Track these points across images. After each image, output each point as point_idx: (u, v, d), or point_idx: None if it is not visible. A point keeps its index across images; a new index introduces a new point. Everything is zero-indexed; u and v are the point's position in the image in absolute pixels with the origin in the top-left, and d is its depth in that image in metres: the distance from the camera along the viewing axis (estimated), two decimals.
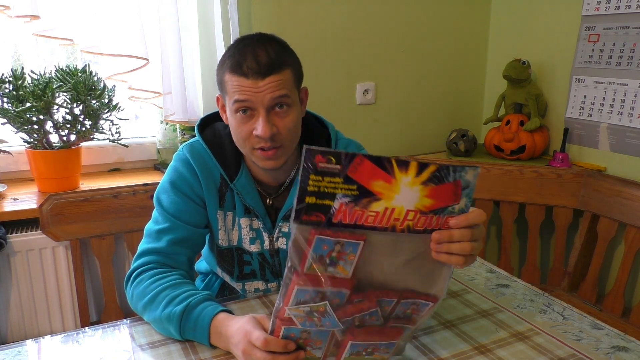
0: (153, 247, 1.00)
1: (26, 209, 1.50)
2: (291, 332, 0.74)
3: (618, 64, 1.83)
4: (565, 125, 2.02)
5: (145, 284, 0.94)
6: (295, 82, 0.98)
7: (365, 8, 2.08)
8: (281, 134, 0.96)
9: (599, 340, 0.90)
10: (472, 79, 2.41)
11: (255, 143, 0.96)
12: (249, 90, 0.92)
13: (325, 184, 0.62)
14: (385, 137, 2.26)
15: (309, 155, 0.60)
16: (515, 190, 1.88)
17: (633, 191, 1.65)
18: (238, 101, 0.93)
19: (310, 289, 0.69)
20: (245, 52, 0.93)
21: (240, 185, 1.04)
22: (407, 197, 0.65)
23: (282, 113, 0.95)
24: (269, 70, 0.92)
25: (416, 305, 0.75)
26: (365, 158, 0.62)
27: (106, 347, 0.89)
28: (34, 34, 1.55)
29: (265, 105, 0.93)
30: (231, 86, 0.94)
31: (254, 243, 1.09)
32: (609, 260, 1.91)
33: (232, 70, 0.93)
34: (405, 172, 0.64)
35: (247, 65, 0.92)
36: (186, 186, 1.03)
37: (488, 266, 1.21)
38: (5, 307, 1.55)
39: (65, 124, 1.60)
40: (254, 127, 0.94)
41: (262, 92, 0.92)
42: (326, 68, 2.06)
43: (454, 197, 0.68)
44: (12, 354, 0.87)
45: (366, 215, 0.65)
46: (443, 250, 0.71)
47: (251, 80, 0.92)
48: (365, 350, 0.78)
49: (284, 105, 0.95)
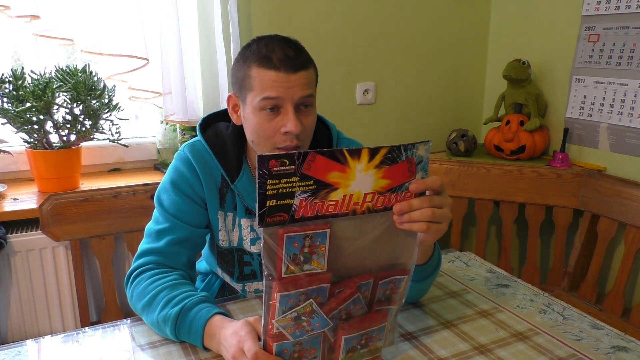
0: (153, 247, 0.99)
1: (26, 209, 1.50)
2: (284, 348, 0.74)
3: (618, 64, 1.83)
4: (565, 125, 2.02)
5: (144, 285, 0.94)
6: (316, 83, 0.99)
7: (365, 8, 2.08)
8: (306, 132, 0.96)
9: (599, 340, 0.90)
10: (472, 79, 2.41)
11: (280, 141, 0.94)
12: (279, 86, 0.90)
13: (282, 185, 0.64)
14: (385, 137, 2.26)
15: (263, 161, 0.62)
16: (515, 190, 1.88)
17: (633, 191, 1.65)
18: (268, 98, 0.91)
19: (292, 292, 0.70)
20: (273, 46, 0.92)
21: (242, 186, 1.03)
22: (363, 181, 0.69)
23: (306, 112, 0.95)
24: (299, 65, 0.91)
25: (393, 283, 0.78)
26: (318, 154, 0.65)
27: (106, 347, 0.89)
28: (34, 34, 1.55)
29: (294, 101, 0.92)
30: (260, 81, 0.91)
31: (254, 244, 1.08)
32: (609, 260, 1.91)
33: (260, 63, 0.91)
34: (358, 159, 0.68)
35: (278, 58, 0.90)
36: (187, 186, 1.02)
37: (488, 266, 1.21)
38: (5, 307, 1.55)
39: (65, 124, 1.60)
40: (281, 124, 0.93)
41: (293, 87, 0.91)
42: (326, 68, 2.06)
43: (409, 174, 0.73)
44: (12, 354, 0.87)
45: (326, 205, 0.68)
46: (405, 220, 0.74)
47: (283, 73, 0.90)
48: (360, 343, 0.79)
49: (308, 105, 0.95)
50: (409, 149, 0.71)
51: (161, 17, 1.69)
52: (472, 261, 1.24)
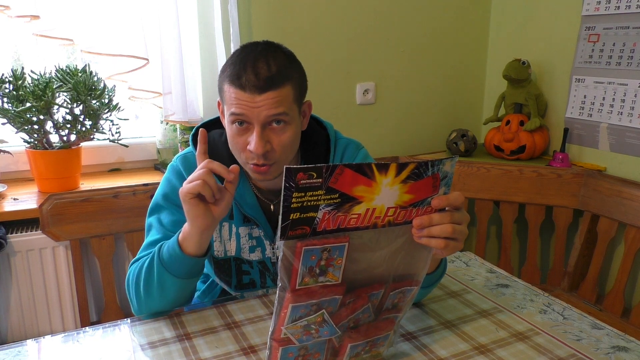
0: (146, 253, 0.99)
1: (26, 209, 1.50)
2: (289, 352, 0.74)
3: (618, 64, 1.83)
4: (565, 125, 2.02)
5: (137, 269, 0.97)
6: (295, 97, 0.94)
7: (365, 8, 2.08)
8: (275, 151, 0.93)
9: (599, 340, 0.90)
10: (472, 79, 2.41)
11: (249, 158, 0.94)
12: (245, 105, 0.89)
13: (307, 198, 0.63)
14: (385, 137, 2.26)
15: (290, 174, 0.61)
16: (515, 190, 1.88)
17: (633, 191, 1.65)
18: (234, 114, 0.91)
19: (304, 303, 0.69)
20: (246, 63, 0.90)
21: (238, 194, 1.02)
22: (387, 196, 0.68)
23: (279, 130, 0.93)
24: (267, 85, 0.89)
25: (402, 293, 0.77)
26: (346, 167, 0.64)
27: (106, 347, 0.89)
28: (34, 34, 1.55)
29: (260, 121, 0.90)
30: (229, 97, 0.92)
31: (253, 251, 1.07)
32: (609, 260, 1.91)
33: (230, 80, 0.91)
34: (385, 174, 0.66)
35: (246, 77, 0.89)
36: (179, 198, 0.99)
37: (488, 266, 1.21)
38: (5, 307, 1.55)
39: (66, 124, 1.60)
40: (248, 141, 0.92)
41: (258, 107, 0.89)
42: (326, 68, 2.06)
43: (432, 189, 0.71)
44: (12, 354, 0.87)
45: (348, 219, 0.67)
46: (424, 235, 0.73)
47: (248, 94, 0.89)
48: (364, 350, 0.79)
49: (281, 122, 0.92)
50: (435, 165, 0.69)
51: (161, 17, 1.69)
52: (472, 261, 1.24)
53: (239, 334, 0.92)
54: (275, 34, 1.93)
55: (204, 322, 0.96)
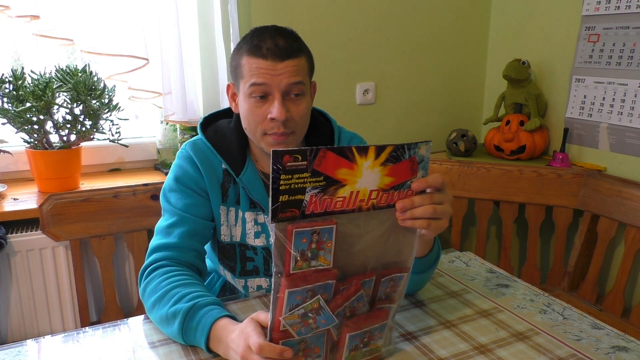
0: (164, 243, 1.00)
1: (26, 209, 1.50)
2: (289, 346, 0.74)
3: (618, 64, 1.83)
4: (565, 125, 2.02)
5: (158, 280, 0.95)
6: (309, 71, 1.00)
7: (365, 8, 2.08)
8: (294, 120, 0.97)
9: (599, 340, 0.90)
10: (472, 79, 2.41)
11: (269, 128, 0.97)
12: (266, 73, 0.93)
13: (294, 180, 0.66)
14: (385, 137, 2.26)
15: (277, 156, 0.64)
16: (515, 190, 1.88)
17: (633, 191, 1.65)
18: (255, 84, 0.94)
19: (300, 289, 0.70)
20: (264, 36, 0.95)
21: (247, 179, 1.05)
22: (369, 179, 0.71)
23: (297, 100, 0.97)
24: (287, 53, 0.94)
25: (393, 280, 0.79)
26: (328, 150, 0.67)
27: (106, 347, 0.89)
28: (34, 34, 1.55)
29: (281, 89, 0.94)
30: (248, 69, 0.95)
31: (258, 237, 1.09)
32: (609, 260, 1.91)
33: (250, 52, 0.94)
34: (365, 157, 0.70)
35: (267, 47, 0.93)
36: (190, 181, 1.04)
37: (488, 266, 1.21)
38: (5, 307, 1.55)
39: (66, 124, 1.60)
40: (269, 111, 0.95)
41: (280, 75, 0.93)
42: (326, 68, 2.06)
43: (411, 172, 0.75)
44: (12, 354, 0.87)
45: (334, 202, 0.70)
46: (407, 217, 0.76)
47: (270, 61, 0.93)
48: (362, 342, 0.79)
49: (299, 94, 0.97)
50: (411, 148, 0.73)
51: (161, 17, 1.69)
52: (472, 261, 1.24)
53: None
54: None
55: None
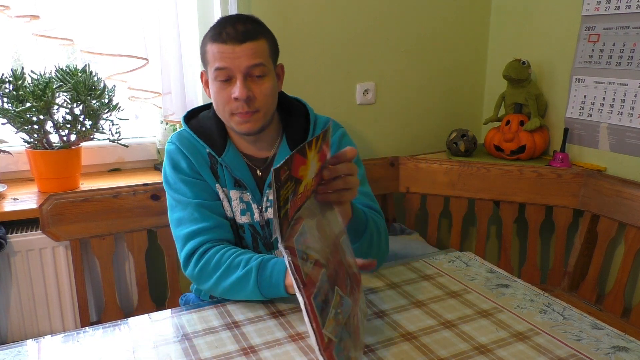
0: (196, 229, 1.06)
1: (26, 209, 1.50)
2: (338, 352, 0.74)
3: (618, 64, 1.83)
4: (565, 125, 2.02)
5: (217, 258, 1.02)
6: (270, 53, 1.07)
7: (365, 8, 2.08)
8: (257, 98, 1.04)
9: (599, 340, 0.90)
10: (472, 79, 2.41)
11: (234, 108, 1.04)
12: (227, 57, 1.01)
13: (284, 192, 0.68)
14: (385, 137, 2.26)
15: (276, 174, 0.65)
16: (515, 190, 1.88)
17: (633, 191, 1.65)
18: (218, 69, 1.02)
19: (315, 289, 0.72)
20: (225, 23, 1.03)
21: (228, 158, 1.11)
22: (312, 169, 0.77)
23: (259, 80, 1.04)
24: (245, 37, 1.01)
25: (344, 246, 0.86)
26: (296, 153, 0.71)
27: (106, 346, 0.89)
28: (34, 34, 1.55)
29: (242, 70, 1.01)
30: (211, 55, 1.03)
31: (244, 214, 1.14)
32: (609, 260, 1.91)
33: (212, 39, 1.03)
34: (310, 149, 0.74)
35: (226, 32, 1.01)
36: (187, 169, 1.11)
37: (488, 266, 1.21)
38: (5, 307, 1.55)
39: (65, 124, 1.60)
40: (232, 91, 1.02)
41: (239, 57, 1.00)
42: (326, 68, 2.06)
43: (326, 155, 0.82)
44: (12, 354, 0.87)
45: (298, 199, 0.73)
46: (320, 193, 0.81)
47: (229, 45, 1.00)
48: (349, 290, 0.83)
49: (260, 74, 1.03)
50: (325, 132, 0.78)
51: (161, 17, 1.69)
52: (472, 261, 1.24)
53: (239, 334, 0.92)
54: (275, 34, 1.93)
55: (204, 322, 0.96)
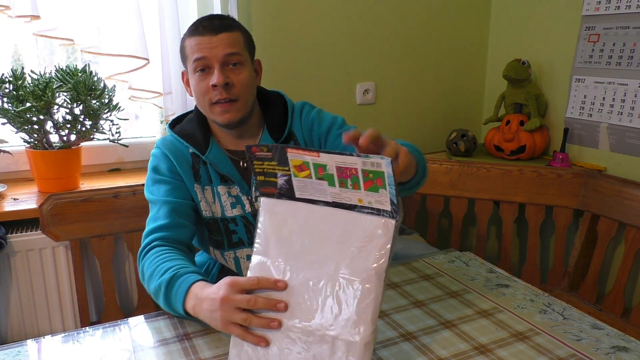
0: (155, 226, 1.08)
1: (26, 209, 1.49)
2: None
3: (618, 64, 1.83)
4: (565, 125, 2.02)
5: (149, 260, 1.02)
6: (246, 45, 1.11)
7: (365, 8, 2.08)
8: (235, 86, 1.07)
9: (599, 340, 0.90)
10: (472, 79, 2.41)
11: (213, 96, 1.07)
12: (204, 47, 1.05)
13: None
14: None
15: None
16: (515, 190, 1.88)
17: (633, 191, 1.65)
18: (196, 60, 1.06)
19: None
20: (201, 20, 1.09)
21: (212, 156, 1.14)
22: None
23: (236, 69, 1.08)
24: (220, 28, 1.06)
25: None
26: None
27: (106, 346, 0.89)
28: (34, 34, 1.55)
29: (219, 59, 1.05)
30: (189, 48, 1.08)
31: (235, 207, 1.16)
32: (609, 260, 1.91)
33: (190, 34, 1.08)
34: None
35: (202, 25, 1.07)
36: (165, 169, 1.15)
37: (488, 266, 1.21)
38: (5, 307, 1.55)
39: (66, 124, 1.60)
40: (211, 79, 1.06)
41: (216, 47, 1.05)
42: (326, 68, 2.06)
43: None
44: (12, 354, 0.87)
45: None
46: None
47: (206, 37, 1.05)
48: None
49: (237, 64, 1.08)
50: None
51: (161, 17, 1.68)
52: (472, 261, 1.24)
53: None
54: (275, 34, 1.93)
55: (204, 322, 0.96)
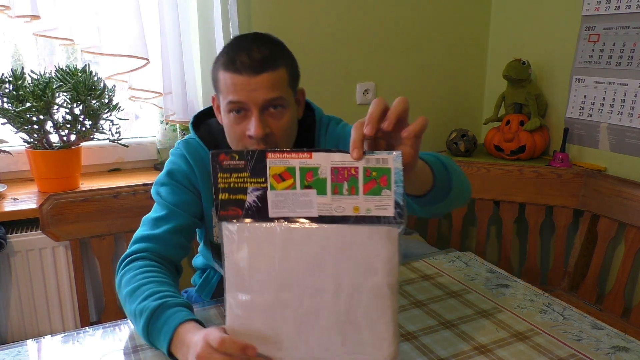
0: (149, 234, 0.98)
1: (26, 209, 1.50)
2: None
3: (618, 64, 1.83)
4: (565, 125, 2.02)
5: (133, 273, 0.91)
6: (290, 82, 0.96)
7: (365, 8, 2.08)
8: (275, 134, 0.94)
9: (599, 340, 0.90)
10: (472, 79, 2.41)
11: (249, 144, 0.94)
12: (241, 89, 0.90)
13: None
14: None
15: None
16: (515, 190, 1.88)
17: (633, 191, 1.65)
18: (232, 102, 0.92)
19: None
20: (239, 49, 0.92)
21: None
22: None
23: (277, 114, 0.94)
24: (262, 66, 0.90)
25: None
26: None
27: (106, 346, 0.89)
28: (34, 34, 1.55)
29: (259, 104, 0.91)
30: (224, 84, 0.93)
31: None
32: (609, 260, 1.91)
33: (225, 67, 0.92)
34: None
35: (241, 60, 0.90)
36: (183, 177, 1.04)
37: (488, 266, 1.21)
38: (5, 307, 1.54)
39: (65, 124, 1.60)
40: (247, 127, 0.93)
41: (255, 90, 0.90)
42: (326, 68, 2.06)
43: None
44: (12, 354, 0.87)
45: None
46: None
47: (244, 76, 0.90)
48: None
49: (279, 106, 0.93)
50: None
51: (161, 17, 1.69)
52: (472, 261, 1.24)
53: None
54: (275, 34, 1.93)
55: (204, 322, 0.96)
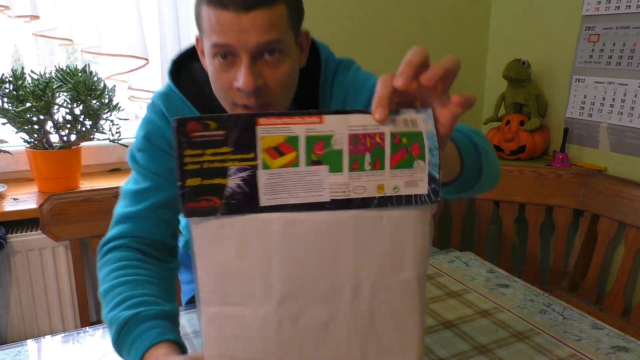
0: (129, 212, 0.84)
1: (26, 209, 1.50)
2: None
3: (618, 64, 1.83)
4: (565, 125, 2.02)
5: (108, 270, 0.79)
6: (291, 21, 0.75)
7: (365, 9, 2.08)
8: (269, 88, 0.74)
9: (599, 340, 0.90)
10: (472, 79, 2.41)
11: (237, 98, 0.75)
12: (228, 29, 0.70)
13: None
14: None
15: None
16: (515, 190, 1.88)
17: (633, 191, 1.64)
18: (216, 45, 0.72)
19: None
20: None
21: None
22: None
23: (273, 62, 0.74)
24: (255, 2, 0.69)
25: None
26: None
27: (107, 346, 0.89)
28: (34, 34, 1.55)
29: (249, 50, 0.71)
30: (208, 24, 0.72)
31: None
32: (609, 260, 1.91)
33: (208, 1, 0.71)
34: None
35: None
36: (162, 140, 0.85)
37: (488, 266, 1.21)
38: (5, 307, 1.54)
39: (66, 124, 1.60)
40: (236, 77, 0.73)
41: (246, 31, 0.70)
42: None
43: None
44: (12, 354, 0.87)
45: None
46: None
47: (232, 13, 0.69)
48: None
49: (276, 52, 0.73)
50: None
51: (161, 17, 1.69)
52: (472, 261, 1.24)
53: None
54: None
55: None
